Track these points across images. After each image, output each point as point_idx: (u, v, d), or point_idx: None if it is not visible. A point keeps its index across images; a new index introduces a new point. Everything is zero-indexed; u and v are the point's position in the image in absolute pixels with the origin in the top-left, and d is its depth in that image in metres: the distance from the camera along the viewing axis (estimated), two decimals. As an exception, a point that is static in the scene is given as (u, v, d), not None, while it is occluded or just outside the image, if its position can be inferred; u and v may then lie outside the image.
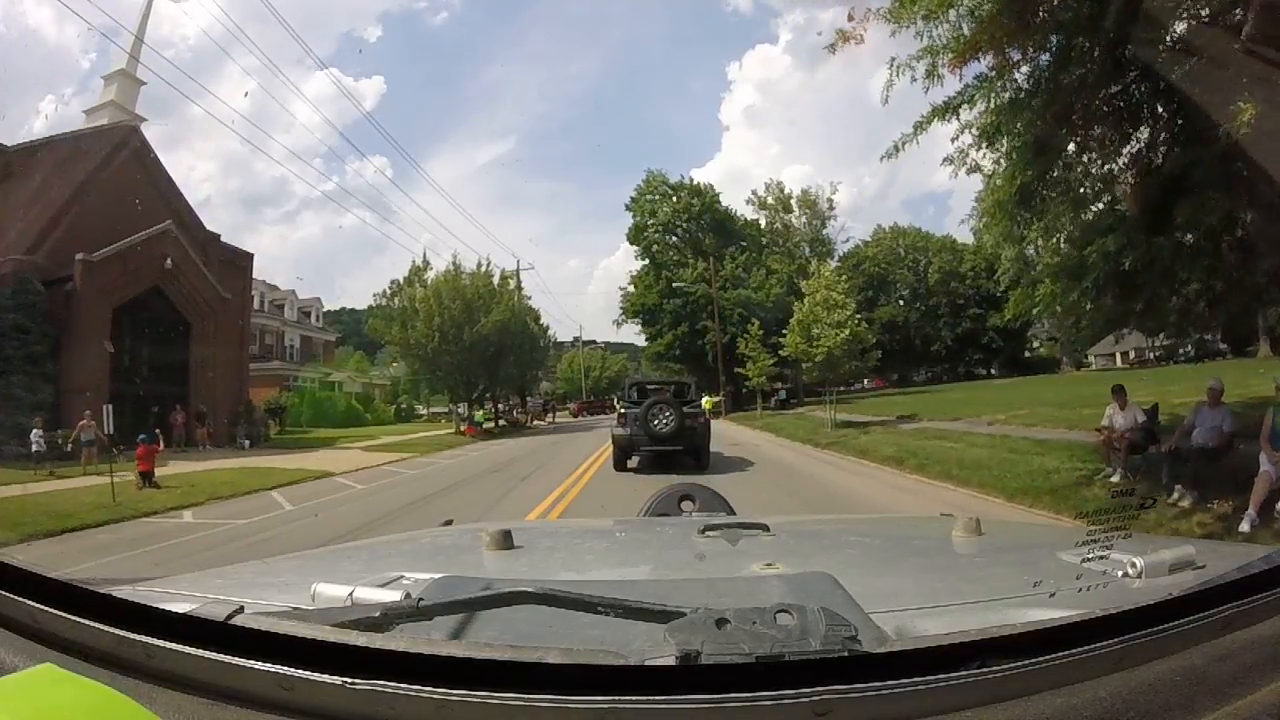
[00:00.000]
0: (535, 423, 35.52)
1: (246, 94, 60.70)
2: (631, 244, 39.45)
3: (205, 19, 77.29)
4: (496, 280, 28.19)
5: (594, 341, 72.47)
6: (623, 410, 11.44)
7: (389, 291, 26.96)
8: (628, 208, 39.61)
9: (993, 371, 46.56)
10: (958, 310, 45.60)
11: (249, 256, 25.56)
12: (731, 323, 33.13)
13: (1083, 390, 20.09)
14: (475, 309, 25.84)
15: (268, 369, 30.35)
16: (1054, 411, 13.67)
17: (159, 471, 11.73)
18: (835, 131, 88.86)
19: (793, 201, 40.92)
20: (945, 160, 6.42)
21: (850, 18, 5.85)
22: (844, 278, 20.18)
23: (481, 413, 27.99)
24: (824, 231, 40.67)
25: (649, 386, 13.22)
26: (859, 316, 18.33)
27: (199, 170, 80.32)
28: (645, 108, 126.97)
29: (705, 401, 29.25)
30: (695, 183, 39.32)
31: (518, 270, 33.61)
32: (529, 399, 39.07)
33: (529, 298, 34.07)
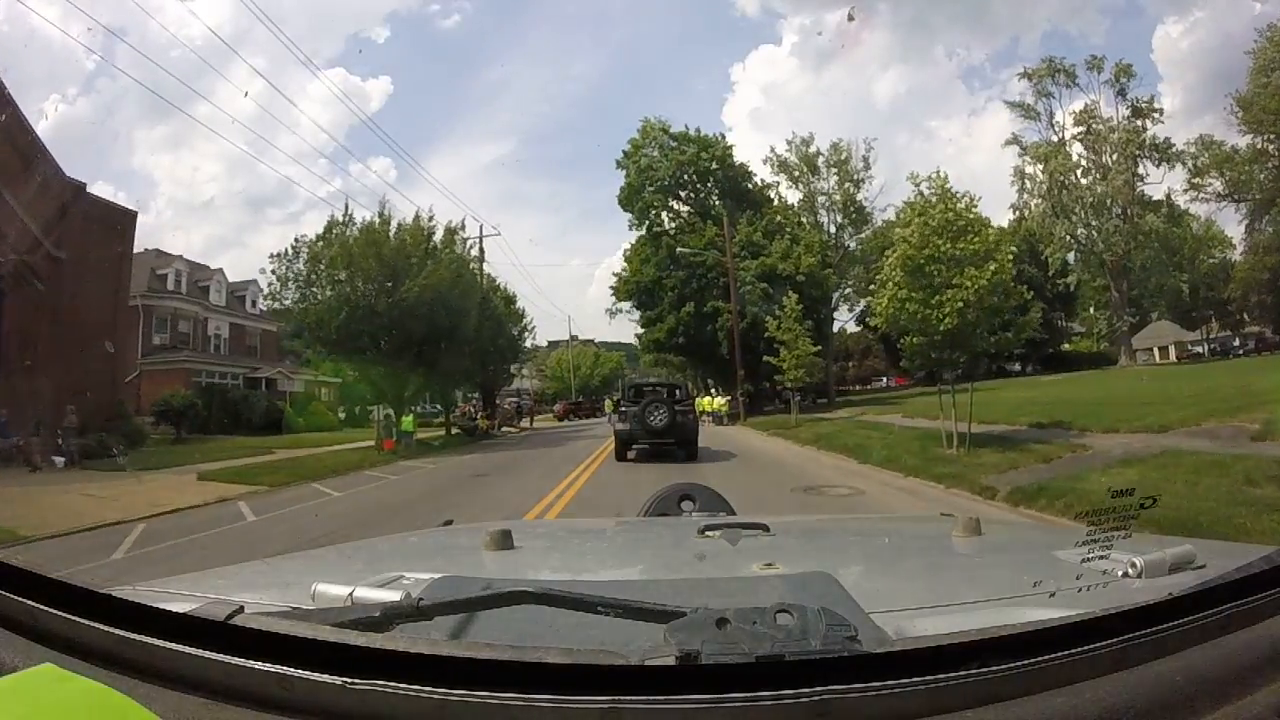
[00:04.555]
0: (504, 429, 30.83)
1: (246, 94, 61.87)
2: (624, 209, 33.89)
3: (209, 23, 79.71)
4: (439, 237, 22.53)
5: (590, 341, 72.53)
6: (623, 409, 14.18)
7: (289, 252, 20.61)
8: (619, 164, 33.84)
9: (1028, 369, 46.72)
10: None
11: (130, 215, 21.03)
12: (752, 302, 28.57)
13: (1198, 384, 16.24)
14: (401, 272, 20.07)
15: (171, 361, 27.04)
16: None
17: None
18: (841, 132, 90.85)
19: (819, 161, 35.92)
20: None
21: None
22: (966, 193, 11.80)
23: (409, 419, 21.47)
24: (858, 196, 35.66)
25: (645, 387, 15.60)
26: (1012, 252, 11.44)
27: (203, 170, 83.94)
28: (647, 108, 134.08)
29: (719, 403, 29.48)
30: (704, 134, 33.73)
31: (480, 233, 29.21)
32: (498, 400, 34.38)
33: (480, 258, 29.05)
